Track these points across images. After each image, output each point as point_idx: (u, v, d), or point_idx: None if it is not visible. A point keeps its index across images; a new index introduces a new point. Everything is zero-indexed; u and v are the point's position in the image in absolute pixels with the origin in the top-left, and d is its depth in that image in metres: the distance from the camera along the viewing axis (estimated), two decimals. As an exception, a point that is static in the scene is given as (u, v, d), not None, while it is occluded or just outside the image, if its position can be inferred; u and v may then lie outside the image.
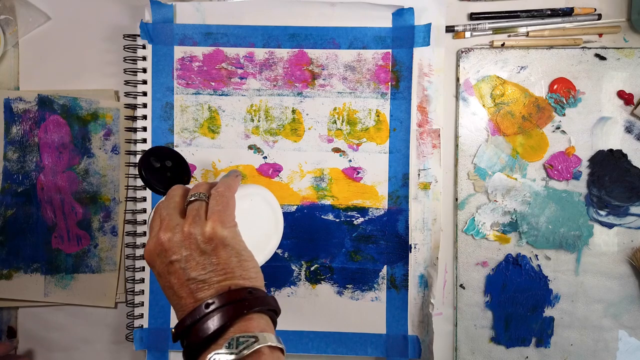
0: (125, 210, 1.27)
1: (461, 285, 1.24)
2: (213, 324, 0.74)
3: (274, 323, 0.83)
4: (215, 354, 0.70)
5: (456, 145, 1.23)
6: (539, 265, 1.23)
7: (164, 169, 1.05)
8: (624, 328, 1.23)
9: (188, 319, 0.76)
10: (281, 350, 0.76)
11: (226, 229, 0.82)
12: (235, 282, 0.79)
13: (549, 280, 1.23)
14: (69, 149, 1.25)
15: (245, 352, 0.70)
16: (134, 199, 1.25)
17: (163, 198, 0.91)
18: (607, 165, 1.21)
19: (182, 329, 0.76)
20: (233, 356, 0.70)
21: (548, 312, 1.23)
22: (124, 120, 1.25)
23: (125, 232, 1.26)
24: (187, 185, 0.95)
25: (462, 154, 1.23)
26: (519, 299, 1.23)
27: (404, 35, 1.21)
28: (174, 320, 1.22)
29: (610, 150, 1.21)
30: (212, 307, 0.75)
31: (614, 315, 1.23)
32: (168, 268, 0.80)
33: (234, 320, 0.75)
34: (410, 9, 1.19)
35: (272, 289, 1.24)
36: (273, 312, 0.81)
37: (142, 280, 1.25)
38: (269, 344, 0.73)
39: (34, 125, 1.25)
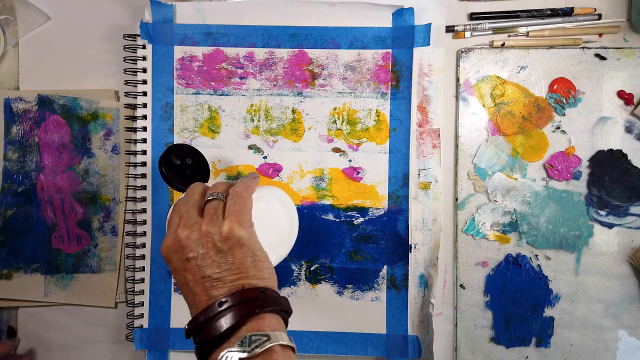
0: (125, 210, 1.27)
1: (461, 285, 1.24)
2: (226, 322, 0.75)
3: (286, 323, 0.83)
4: (227, 351, 0.71)
5: (456, 145, 1.23)
6: (539, 265, 1.23)
7: (184, 166, 1.07)
8: (624, 328, 1.23)
9: (201, 316, 0.77)
10: (292, 349, 0.77)
11: (243, 229, 0.83)
12: (248, 282, 0.80)
13: (549, 280, 1.23)
14: (69, 149, 1.25)
15: (258, 350, 0.71)
16: (134, 199, 1.25)
17: (182, 195, 0.93)
18: (607, 165, 1.21)
19: (195, 326, 0.77)
20: (245, 354, 0.70)
21: (548, 312, 1.23)
22: (124, 120, 1.25)
23: (125, 232, 1.26)
24: (206, 184, 0.96)
25: (462, 154, 1.23)
26: (519, 299, 1.23)
27: (404, 35, 1.21)
28: (174, 321, 1.24)
29: (610, 150, 1.21)
30: (225, 305, 0.76)
31: (614, 315, 1.23)
32: (184, 265, 0.82)
33: (246, 319, 0.75)
34: (410, 9, 1.19)
35: (272, 288, 1.24)
36: (285, 312, 0.82)
37: (142, 280, 1.25)
38: (281, 342, 0.73)
39: (34, 125, 1.25)
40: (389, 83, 1.22)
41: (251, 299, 0.77)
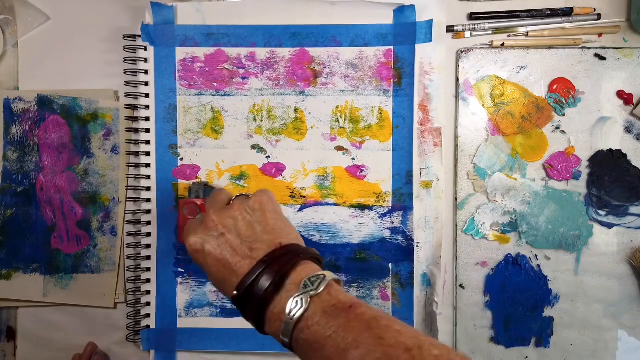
0: (125, 211, 1.27)
1: (461, 285, 1.24)
2: (277, 272, 0.76)
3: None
4: (296, 296, 0.73)
5: (456, 145, 1.24)
6: (538, 265, 1.23)
7: None
8: (623, 328, 1.23)
9: (250, 277, 0.77)
10: (339, 282, 0.79)
11: (269, 201, 0.88)
12: (283, 240, 0.82)
13: (549, 280, 1.23)
14: (69, 149, 1.25)
15: (321, 287, 0.73)
16: (136, 200, 1.25)
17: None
18: (607, 165, 1.21)
19: (246, 288, 0.77)
20: (311, 293, 0.72)
21: (548, 312, 1.23)
22: (124, 121, 1.25)
23: (127, 233, 1.26)
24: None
25: (461, 154, 1.23)
26: (518, 299, 1.23)
27: (405, 32, 1.21)
28: (181, 321, 1.24)
29: (610, 150, 1.21)
30: (271, 259, 0.78)
31: (613, 315, 1.23)
32: (218, 242, 0.84)
33: (293, 267, 0.77)
34: (412, 6, 1.20)
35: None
36: (317, 259, 0.83)
37: (148, 281, 1.25)
38: (334, 277, 0.76)
39: (34, 125, 1.24)
40: (391, 80, 1.22)
41: (292, 250, 0.79)
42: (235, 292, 0.78)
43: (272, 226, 0.84)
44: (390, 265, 1.24)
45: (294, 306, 0.72)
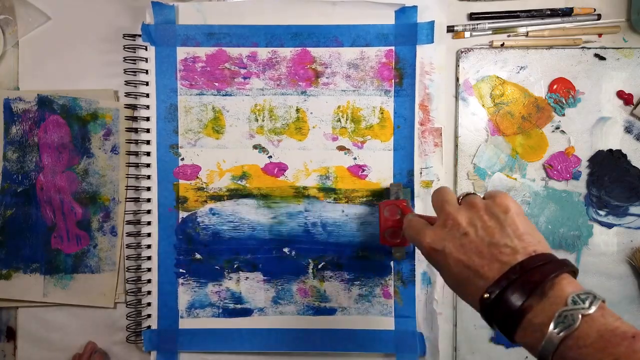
0: (125, 211, 1.26)
1: (461, 285, 1.24)
2: (538, 283, 0.72)
3: None
4: (564, 311, 0.68)
5: (456, 145, 1.24)
6: (538, 265, 1.23)
7: None
8: (623, 328, 1.23)
9: (502, 282, 0.74)
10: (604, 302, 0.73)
11: (513, 202, 0.83)
12: (536, 248, 0.77)
13: (549, 280, 1.23)
14: (69, 149, 1.25)
15: (593, 307, 0.67)
16: (137, 200, 1.25)
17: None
18: (607, 165, 1.21)
19: (496, 295, 0.74)
20: (582, 311, 0.67)
21: (548, 311, 1.23)
22: (124, 120, 1.25)
23: (128, 233, 1.26)
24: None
25: (461, 154, 1.23)
26: (518, 298, 1.23)
27: (407, 33, 1.21)
28: (183, 322, 1.25)
29: (610, 150, 1.21)
30: (527, 267, 0.74)
31: (613, 315, 1.23)
32: (461, 242, 0.81)
33: (556, 279, 0.72)
34: (414, 7, 1.20)
35: (279, 287, 1.25)
36: (573, 272, 0.77)
37: (149, 281, 1.25)
38: (602, 297, 0.70)
39: (34, 125, 1.24)
40: (392, 80, 1.22)
41: (548, 261, 0.74)
42: (486, 295, 0.74)
43: (522, 231, 0.79)
44: (391, 263, 1.24)
45: (562, 321, 0.68)
